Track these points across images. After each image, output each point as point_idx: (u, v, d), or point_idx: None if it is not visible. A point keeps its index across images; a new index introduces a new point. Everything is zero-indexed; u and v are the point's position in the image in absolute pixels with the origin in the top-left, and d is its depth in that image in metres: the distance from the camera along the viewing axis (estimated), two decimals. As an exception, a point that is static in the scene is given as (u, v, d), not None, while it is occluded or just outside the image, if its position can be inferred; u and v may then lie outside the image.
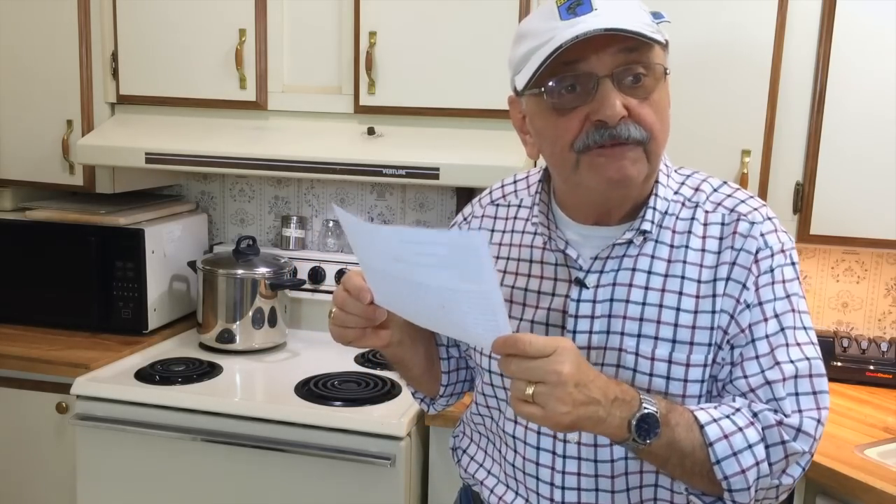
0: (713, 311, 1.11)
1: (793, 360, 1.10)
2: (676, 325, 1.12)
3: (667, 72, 1.10)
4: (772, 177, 2.06)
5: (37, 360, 2.25)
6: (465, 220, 1.36)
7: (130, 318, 2.45)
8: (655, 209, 1.15)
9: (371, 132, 2.20)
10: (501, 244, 1.28)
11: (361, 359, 2.37)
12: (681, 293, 1.12)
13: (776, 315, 1.11)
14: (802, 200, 2.07)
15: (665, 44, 1.09)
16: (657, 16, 1.10)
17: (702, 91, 2.04)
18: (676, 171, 1.21)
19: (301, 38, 2.31)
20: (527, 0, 2.10)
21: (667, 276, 1.13)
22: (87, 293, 2.45)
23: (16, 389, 2.28)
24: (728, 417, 1.07)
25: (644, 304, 1.13)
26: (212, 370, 2.25)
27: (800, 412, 1.08)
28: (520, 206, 1.29)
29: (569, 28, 1.03)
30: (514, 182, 1.34)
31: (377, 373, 2.24)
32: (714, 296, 1.12)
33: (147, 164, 2.28)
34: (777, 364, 1.09)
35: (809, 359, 1.11)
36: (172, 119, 2.39)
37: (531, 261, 1.23)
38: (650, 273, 1.14)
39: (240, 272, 2.41)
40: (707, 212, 1.16)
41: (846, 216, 2.05)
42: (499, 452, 1.28)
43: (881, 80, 1.99)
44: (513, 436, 1.23)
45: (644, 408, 1.02)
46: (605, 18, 1.03)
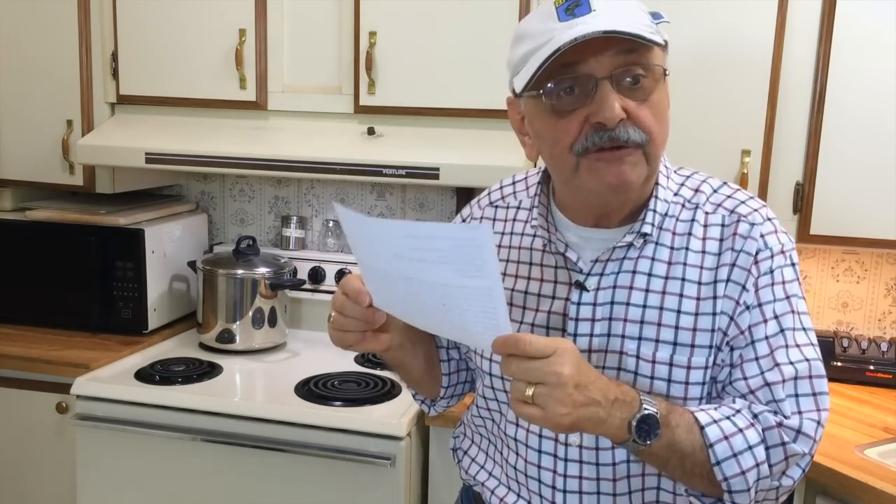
0: (714, 313, 1.11)
1: (792, 362, 1.09)
2: (677, 328, 1.11)
3: (666, 73, 1.09)
4: (772, 177, 2.06)
5: (37, 360, 2.26)
6: (464, 222, 1.36)
7: (130, 318, 2.45)
8: (655, 211, 1.14)
9: (371, 132, 2.20)
10: (501, 246, 1.27)
11: (361, 359, 2.37)
12: (681, 295, 1.12)
13: (776, 316, 1.11)
14: (802, 200, 2.07)
15: (664, 45, 1.08)
16: (656, 16, 1.09)
17: (702, 91, 2.04)
18: (676, 172, 1.21)
19: (301, 38, 2.31)
20: (527, 0, 2.10)
21: (667, 279, 1.13)
22: (87, 293, 2.45)
23: (16, 389, 2.29)
24: (728, 419, 1.07)
25: (644, 307, 1.13)
26: (212, 370, 2.25)
27: (799, 414, 1.08)
28: (519, 208, 1.29)
29: (567, 30, 1.03)
30: (513, 183, 1.33)
31: (377, 373, 2.24)
32: (714, 298, 1.11)
33: (147, 164, 2.28)
34: (777, 366, 1.09)
35: (809, 360, 1.10)
36: (172, 119, 2.39)
37: (531, 263, 1.22)
38: (650, 275, 1.13)
39: (240, 272, 2.41)
40: (707, 213, 1.15)
41: (846, 216, 2.05)
42: (500, 455, 1.28)
43: (881, 80, 1.99)
44: (514, 438, 1.22)
45: (644, 409, 1.01)
46: (604, 20, 1.02)
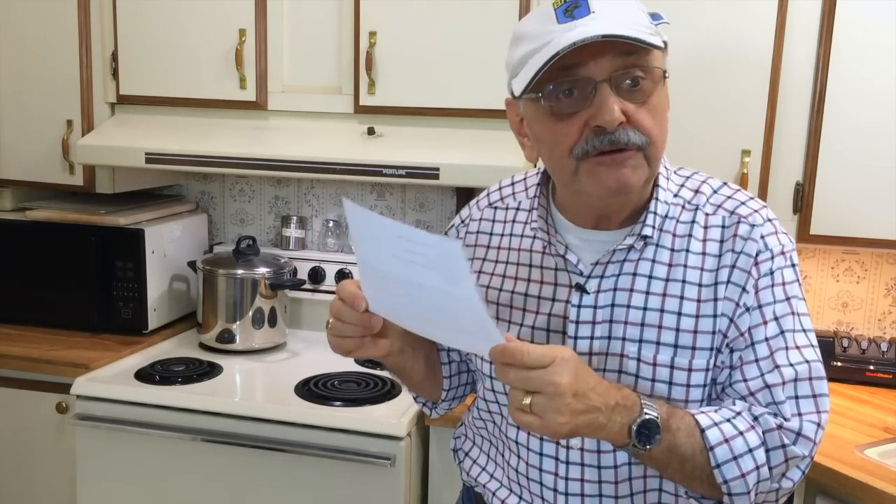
0: (714, 315, 1.11)
1: (792, 364, 1.09)
2: (678, 330, 1.11)
3: (665, 75, 1.08)
4: (772, 177, 2.06)
5: (37, 360, 2.26)
6: (463, 223, 1.35)
7: (130, 318, 2.45)
8: (656, 213, 1.14)
9: (371, 132, 2.20)
10: (500, 248, 1.27)
11: (361, 359, 2.37)
12: (682, 297, 1.11)
13: (776, 318, 1.10)
14: (802, 200, 2.07)
15: (664, 47, 1.07)
16: (656, 17, 1.08)
17: (702, 91, 2.04)
18: (676, 173, 1.20)
19: (301, 38, 2.31)
20: (527, 0, 2.10)
21: (668, 281, 1.13)
22: (87, 293, 2.45)
23: (16, 389, 2.29)
24: (729, 421, 1.06)
25: (645, 310, 1.12)
26: (212, 370, 2.25)
27: (800, 416, 1.08)
28: (518, 209, 1.28)
29: (566, 32, 1.02)
30: (512, 184, 1.32)
31: (377, 373, 2.23)
32: (715, 300, 1.11)
33: (147, 164, 2.28)
34: (777, 367, 1.09)
35: (809, 362, 1.10)
36: (172, 119, 2.39)
37: (531, 265, 1.22)
38: (651, 278, 1.13)
39: (240, 272, 2.41)
40: (707, 214, 1.15)
41: (846, 216, 2.05)
42: (502, 457, 1.28)
43: (881, 81, 1.99)
44: (515, 441, 1.22)
45: (645, 413, 1.01)
46: (603, 23, 1.02)
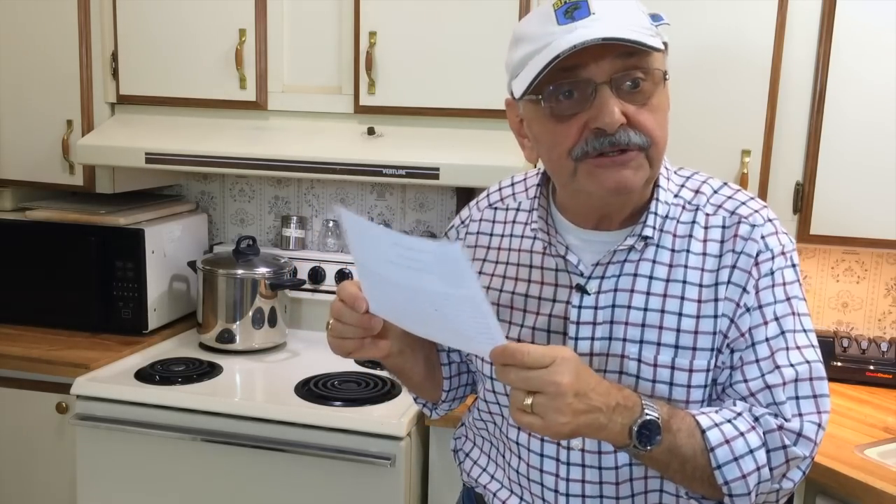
0: (715, 316, 1.11)
1: (793, 364, 1.09)
2: (679, 331, 1.11)
3: (666, 76, 1.08)
4: (772, 177, 2.06)
5: (37, 360, 2.26)
6: (463, 224, 1.35)
7: (130, 318, 2.45)
8: (656, 214, 1.14)
9: (371, 132, 2.20)
10: (500, 249, 1.26)
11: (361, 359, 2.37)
12: (683, 298, 1.11)
13: (776, 318, 1.10)
14: (802, 200, 2.07)
15: (664, 48, 1.07)
16: (656, 18, 1.08)
17: (702, 92, 2.04)
18: (676, 173, 1.20)
19: (301, 38, 2.31)
20: (527, 0, 2.10)
21: (668, 281, 1.12)
22: (87, 293, 2.45)
23: (16, 389, 2.29)
24: (729, 422, 1.06)
25: (646, 310, 1.12)
26: (212, 370, 2.25)
27: (800, 416, 1.08)
28: (518, 210, 1.28)
29: (566, 34, 1.02)
30: (512, 185, 1.32)
31: (377, 373, 2.23)
32: (715, 300, 1.11)
33: (147, 164, 2.28)
34: (777, 368, 1.09)
35: (810, 362, 1.10)
36: (172, 119, 2.39)
37: (531, 266, 1.22)
38: (652, 278, 1.13)
39: (240, 272, 2.41)
40: (708, 215, 1.15)
41: (846, 216, 2.05)
42: (502, 458, 1.28)
43: (881, 81, 1.99)
44: (516, 442, 1.22)
45: (646, 413, 1.01)
46: (603, 24, 1.01)
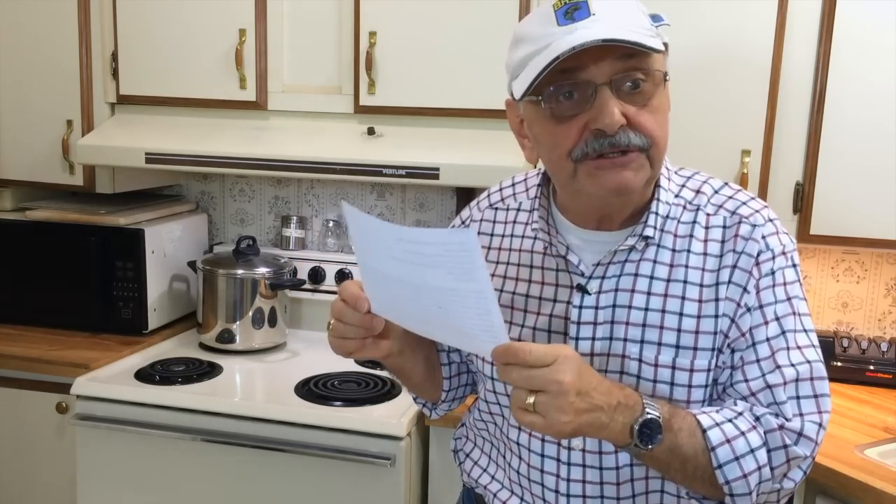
0: (716, 316, 1.11)
1: (794, 364, 1.09)
2: (679, 331, 1.11)
3: (666, 77, 1.08)
4: (772, 177, 2.06)
5: (37, 360, 2.26)
6: (464, 224, 1.35)
7: (130, 318, 2.45)
8: (657, 214, 1.14)
9: (371, 132, 2.20)
10: (501, 249, 1.26)
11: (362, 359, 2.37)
12: (683, 298, 1.11)
13: (777, 318, 1.10)
14: (802, 200, 2.07)
15: (664, 49, 1.07)
16: (656, 18, 1.08)
17: (702, 92, 2.04)
18: (677, 173, 1.20)
19: (301, 38, 2.31)
20: (527, 0, 2.10)
21: (669, 281, 1.12)
22: (87, 293, 2.45)
23: (16, 389, 2.29)
24: (730, 421, 1.06)
25: (647, 310, 1.12)
26: (212, 370, 2.25)
27: (801, 416, 1.08)
28: (519, 210, 1.28)
29: (566, 35, 1.01)
30: (513, 185, 1.32)
31: (377, 373, 2.23)
32: (716, 300, 1.11)
33: (147, 164, 2.28)
34: (778, 368, 1.09)
35: (810, 362, 1.10)
36: (172, 119, 2.39)
37: (531, 266, 1.22)
38: (652, 278, 1.13)
39: (240, 272, 2.41)
40: (709, 215, 1.15)
41: (846, 216, 2.05)
42: (503, 458, 1.28)
43: (881, 81, 1.99)
44: (517, 442, 1.22)
45: (647, 413, 1.01)
46: (603, 25, 1.01)
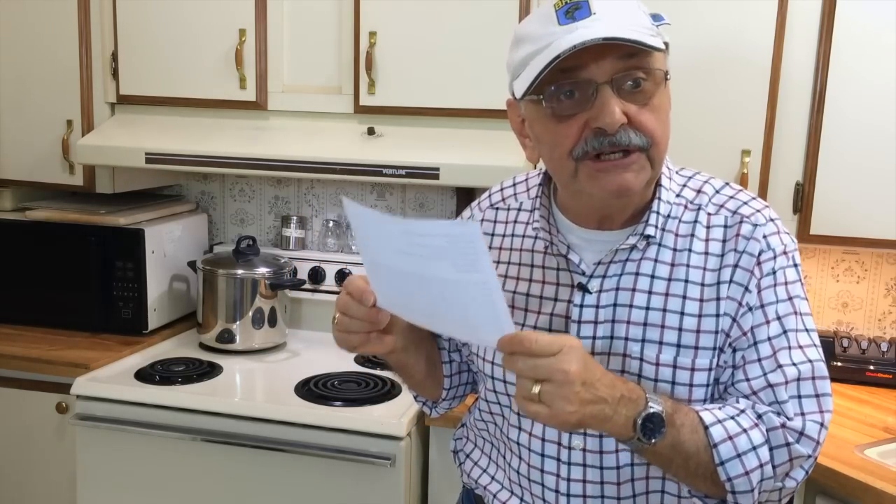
0: (717, 315, 1.11)
1: (795, 363, 1.09)
2: (681, 330, 1.11)
3: (667, 76, 1.08)
4: (772, 177, 2.06)
5: (37, 360, 2.25)
6: None
7: (130, 318, 2.44)
8: (658, 213, 1.14)
9: (371, 132, 2.20)
10: (502, 248, 1.26)
11: (361, 359, 2.37)
12: (684, 297, 1.12)
13: (778, 317, 1.10)
14: (802, 200, 2.07)
15: (665, 48, 1.07)
16: (657, 18, 1.08)
17: (702, 92, 2.04)
18: (678, 173, 1.20)
19: (301, 38, 2.31)
20: (527, 0, 2.10)
21: (670, 280, 1.13)
22: (87, 293, 2.45)
23: (16, 389, 2.28)
24: (733, 419, 1.06)
25: (648, 309, 1.12)
26: (212, 370, 2.25)
27: (802, 415, 1.08)
28: (520, 210, 1.28)
29: (567, 34, 1.02)
30: (514, 185, 1.33)
31: (377, 373, 2.24)
32: (717, 299, 1.11)
33: (147, 164, 2.28)
34: (779, 367, 1.09)
35: (812, 361, 1.10)
36: (172, 119, 2.39)
37: (532, 265, 1.22)
38: (653, 277, 1.13)
39: (240, 272, 2.41)
40: (710, 214, 1.15)
41: (846, 216, 2.05)
42: (503, 458, 1.28)
43: (881, 81, 1.99)
44: (517, 442, 1.22)
45: (650, 407, 1.01)
46: (604, 25, 1.01)
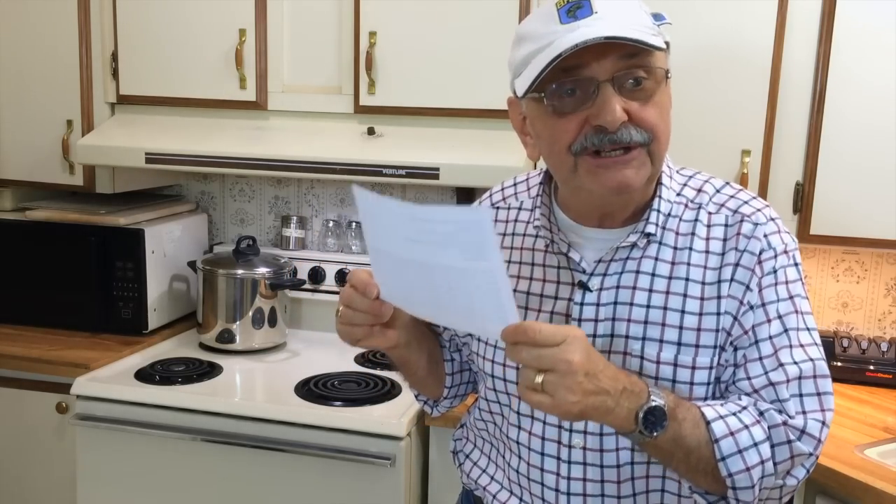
0: (718, 313, 1.11)
1: (796, 362, 1.09)
2: (681, 328, 1.11)
3: (668, 75, 1.09)
4: (772, 177, 2.06)
5: (37, 360, 2.25)
6: None
7: (130, 318, 2.44)
8: (659, 211, 1.14)
9: (371, 132, 2.20)
10: (502, 247, 1.26)
11: (361, 359, 2.37)
12: (685, 295, 1.12)
13: (779, 316, 1.10)
14: (802, 200, 2.07)
15: (666, 47, 1.07)
16: (658, 17, 1.09)
17: (702, 92, 2.05)
18: (678, 172, 1.21)
19: (301, 38, 2.31)
20: (527, 0, 2.10)
21: (670, 279, 1.13)
22: (87, 293, 2.45)
23: (16, 389, 2.28)
24: (735, 415, 1.06)
25: (648, 307, 1.12)
26: (212, 370, 2.25)
27: (804, 414, 1.08)
28: (520, 209, 1.29)
29: (569, 33, 1.02)
30: (514, 185, 1.33)
31: (377, 373, 2.24)
32: (718, 297, 1.11)
33: (147, 164, 2.28)
34: (781, 365, 1.09)
35: (813, 360, 1.10)
36: (172, 119, 2.39)
37: (533, 264, 1.22)
38: (654, 275, 1.13)
39: (240, 272, 2.41)
40: (710, 213, 1.15)
41: (846, 216, 2.05)
42: (502, 458, 1.28)
43: (881, 81, 1.99)
44: (517, 441, 1.22)
45: (652, 400, 1.01)
46: (606, 24, 1.02)
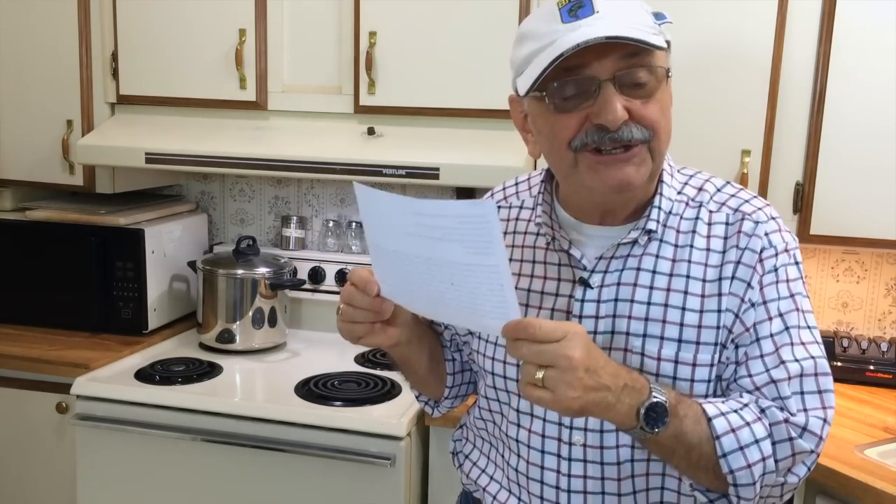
0: (719, 311, 1.11)
1: (798, 359, 1.09)
2: (682, 325, 1.12)
3: (669, 74, 1.09)
4: (772, 177, 2.07)
5: (37, 360, 2.25)
6: None
7: (130, 318, 2.44)
8: (660, 209, 1.15)
9: (371, 132, 2.20)
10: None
11: (361, 359, 2.37)
12: (686, 292, 1.12)
13: (780, 314, 1.11)
14: (802, 200, 2.07)
15: (667, 47, 1.08)
16: (659, 16, 1.09)
17: (702, 91, 2.05)
18: (679, 171, 1.21)
19: (301, 38, 2.31)
20: (527, 0, 2.10)
21: (671, 276, 1.13)
22: (87, 293, 2.45)
23: (16, 389, 2.28)
24: (736, 412, 1.06)
25: (649, 304, 1.13)
26: (212, 370, 2.25)
27: (805, 411, 1.08)
28: (521, 207, 1.29)
29: (570, 32, 1.03)
30: (516, 184, 1.34)
31: (377, 373, 2.24)
32: (719, 295, 1.11)
33: (147, 164, 2.28)
34: (782, 363, 1.09)
35: (814, 358, 1.10)
36: (172, 119, 2.39)
37: (534, 261, 1.23)
38: (655, 272, 1.14)
39: (240, 272, 2.41)
40: (711, 211, 1.15)
41: (846, 216, 2.05)
42: (502, 458, 1.28)
43: (881, 81, 1.99)
44: (517, 440, 1.22)
45: (653, 396, 1.01)
46: (607, 23, 1.02)
